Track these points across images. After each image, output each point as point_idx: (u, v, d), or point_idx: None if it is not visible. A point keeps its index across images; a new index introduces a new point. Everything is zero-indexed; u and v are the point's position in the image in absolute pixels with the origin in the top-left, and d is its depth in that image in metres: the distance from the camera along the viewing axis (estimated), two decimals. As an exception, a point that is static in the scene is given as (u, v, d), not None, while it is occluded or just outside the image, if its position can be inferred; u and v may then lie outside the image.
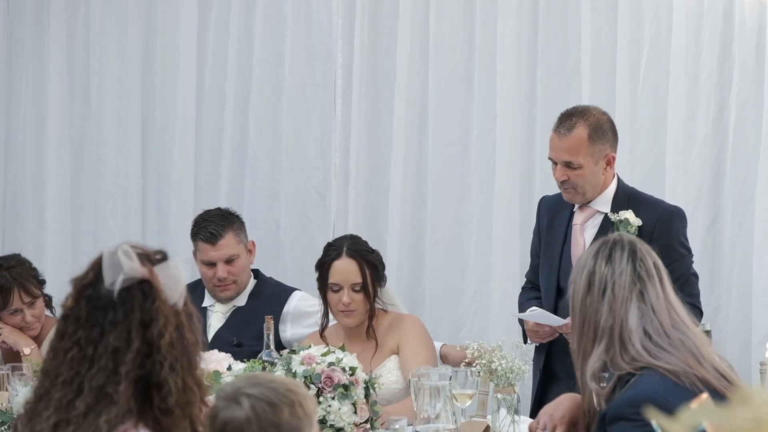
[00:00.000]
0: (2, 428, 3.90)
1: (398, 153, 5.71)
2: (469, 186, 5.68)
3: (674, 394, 3.01)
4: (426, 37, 5.72)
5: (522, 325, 4.63)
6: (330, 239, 4.92)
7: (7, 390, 4.17)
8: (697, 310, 4.39)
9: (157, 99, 6.01)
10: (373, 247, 4.65)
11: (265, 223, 5.87)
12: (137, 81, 6.01)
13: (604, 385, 3.14)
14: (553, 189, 5.51)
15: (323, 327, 4.63)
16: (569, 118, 4.44)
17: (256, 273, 5.15)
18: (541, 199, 4.79)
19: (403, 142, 5.70)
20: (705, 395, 3.00)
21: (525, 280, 4.81)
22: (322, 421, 3.83)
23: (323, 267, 4.55)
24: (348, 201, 5.79)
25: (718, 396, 3.04)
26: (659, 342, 3.13)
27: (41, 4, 6.04)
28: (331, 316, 4.62)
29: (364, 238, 4.70)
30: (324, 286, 4.55)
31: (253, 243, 5.11)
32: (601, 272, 3.20)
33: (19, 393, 4.02)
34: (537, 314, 4.39)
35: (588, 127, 4.40)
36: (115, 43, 6.00)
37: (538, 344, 4.59)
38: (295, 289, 5.12)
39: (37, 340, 4.99)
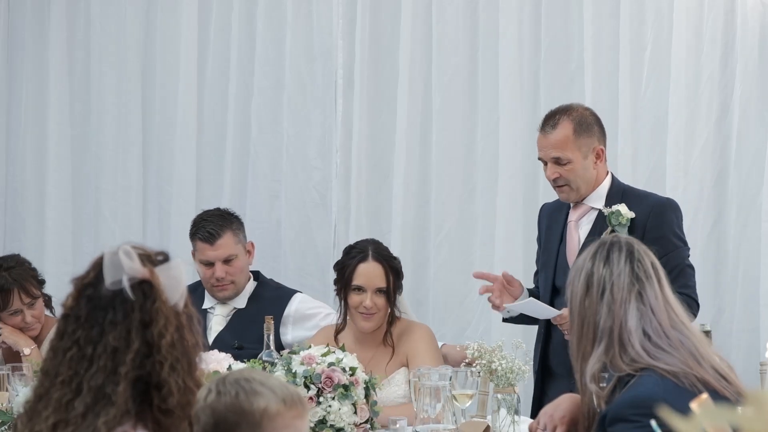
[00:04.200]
0: (2, 428, 3.90)
1: (401, 153, 5.69)
2: (473, 186, 5.67)
3: (674, 395, 3.01)
4: (428, 36, 5.71)
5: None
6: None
7: (7, 390, 4.17)
8: (692, 302, 4.38)
9: (158, 99, 6.01)
10: None
11: (266, 223, 5.87)
12: (138, 81, 6.01)
13: (604, 386, 3.14)
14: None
15: (339, 330, 4.61)
16: (552, 116, 4.48)
17: (257, 275, 5.15)
18: (541, 208, 4.81)
19: (406, 142, 5.69)
20: (705, 396, 3.00)
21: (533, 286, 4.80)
22: (322, 421, 3.83)
23: (347, 269, 4.52)
24: (349, 201, 5.78)
25: (717, 396, 3.04)
26: (659, 343, 3.13)
27: (41, 4, 6.04)
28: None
29: (364, 239, 4.70)
30: (346, 287, 4.52)
31: (252, 244, 5.10)
32: (600, 274, 3.20)
33: (19, 393, 4.02)
34: (527, 303, 4.37)
35: (572, 122, 4.43)
36: (115, 44, 6.00)
37: (508, 317, 4.59)
38: (296, 292, 5.10)
39: (37, 340, 4.99)
